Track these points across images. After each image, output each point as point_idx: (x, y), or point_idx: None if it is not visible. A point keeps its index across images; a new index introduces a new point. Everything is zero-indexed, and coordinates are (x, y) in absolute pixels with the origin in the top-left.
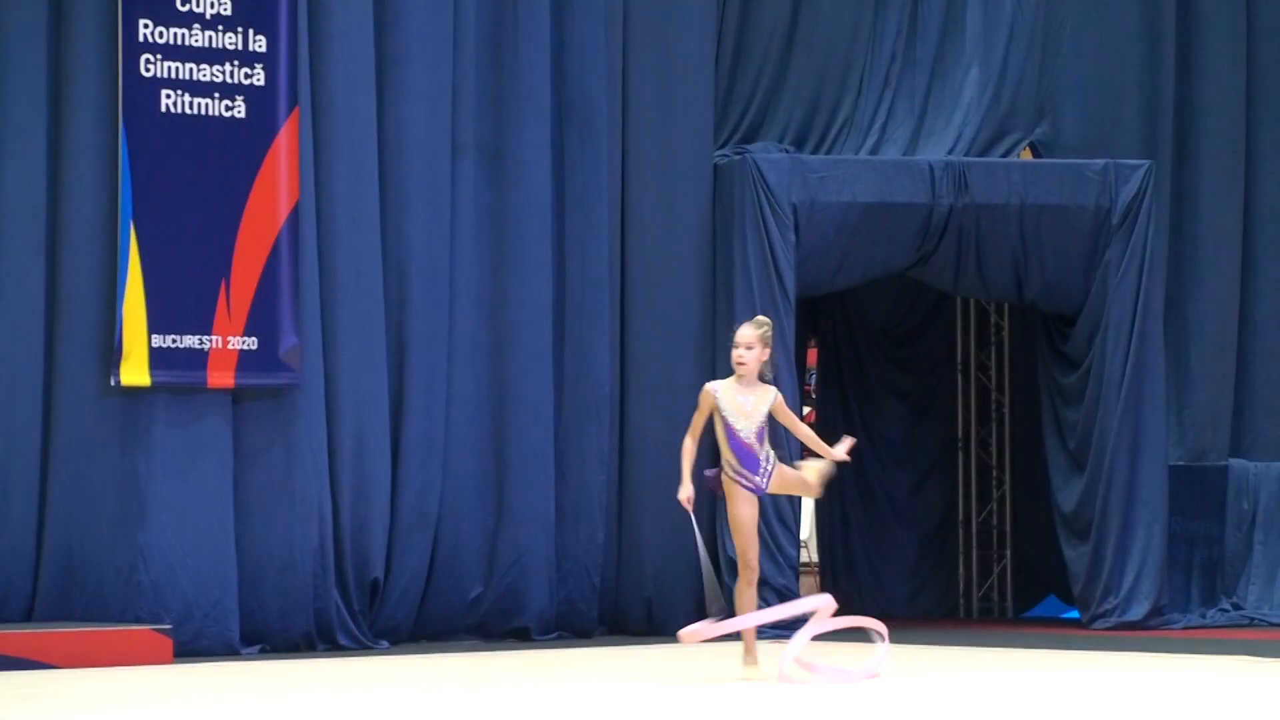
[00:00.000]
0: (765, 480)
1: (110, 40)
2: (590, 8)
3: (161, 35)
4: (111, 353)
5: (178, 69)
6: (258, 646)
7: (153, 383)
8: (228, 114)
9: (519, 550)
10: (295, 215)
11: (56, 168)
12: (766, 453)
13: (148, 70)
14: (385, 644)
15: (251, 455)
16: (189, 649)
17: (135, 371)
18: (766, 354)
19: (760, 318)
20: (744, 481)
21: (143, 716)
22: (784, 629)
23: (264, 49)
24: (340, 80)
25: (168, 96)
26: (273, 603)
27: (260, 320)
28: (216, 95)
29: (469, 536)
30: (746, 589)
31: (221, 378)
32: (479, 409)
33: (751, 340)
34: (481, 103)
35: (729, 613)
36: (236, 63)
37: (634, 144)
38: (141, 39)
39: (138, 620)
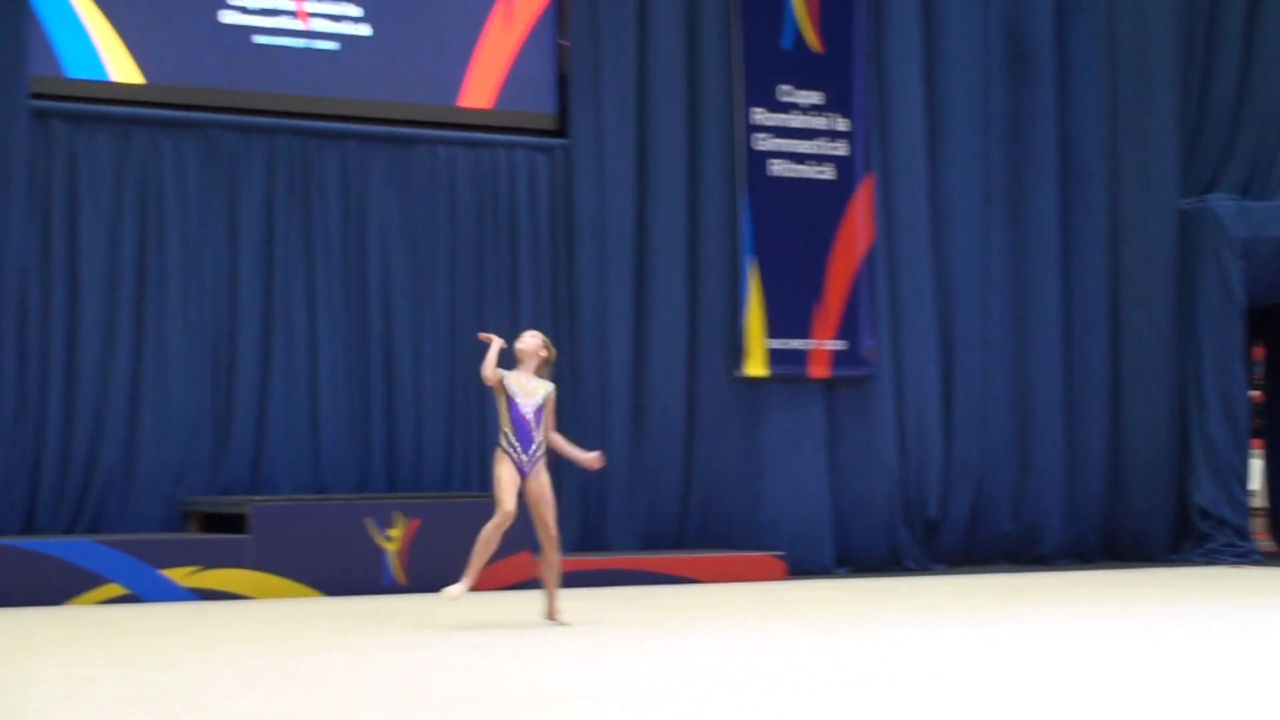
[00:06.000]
0: (530, 463)
1: (730, 124)
2: (1086, 93)
3: (769, 119)
4: (736, 352)
5: (782, 144)
6: (846, 568)
7: (768, 375)
8: (819, 177)
9: (1039, 496)
10: (871, 251)
11: (694, 217)
12: (541, 441)
13: (759, 145)
14: (940, 566)
15: (841, 428)
16: (796, 569)
17: (755, 366)
18: (545, 353)
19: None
20: (513, 453)
21: (765, 619)
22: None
23: (846, 129)
24: (901, 151)
25: (774, 164)
26: (857, 535)
27: (847, 327)
28: (811, 163)
29: (1001, 485)
30: (492, 531)
31: (819, 370)
32: (1007, 389)
33: (537, 334)
34: (1005, 164)
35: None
36: (826, 139)
37: (1120, 194)
38: (754, 123)
39: (758, 548)
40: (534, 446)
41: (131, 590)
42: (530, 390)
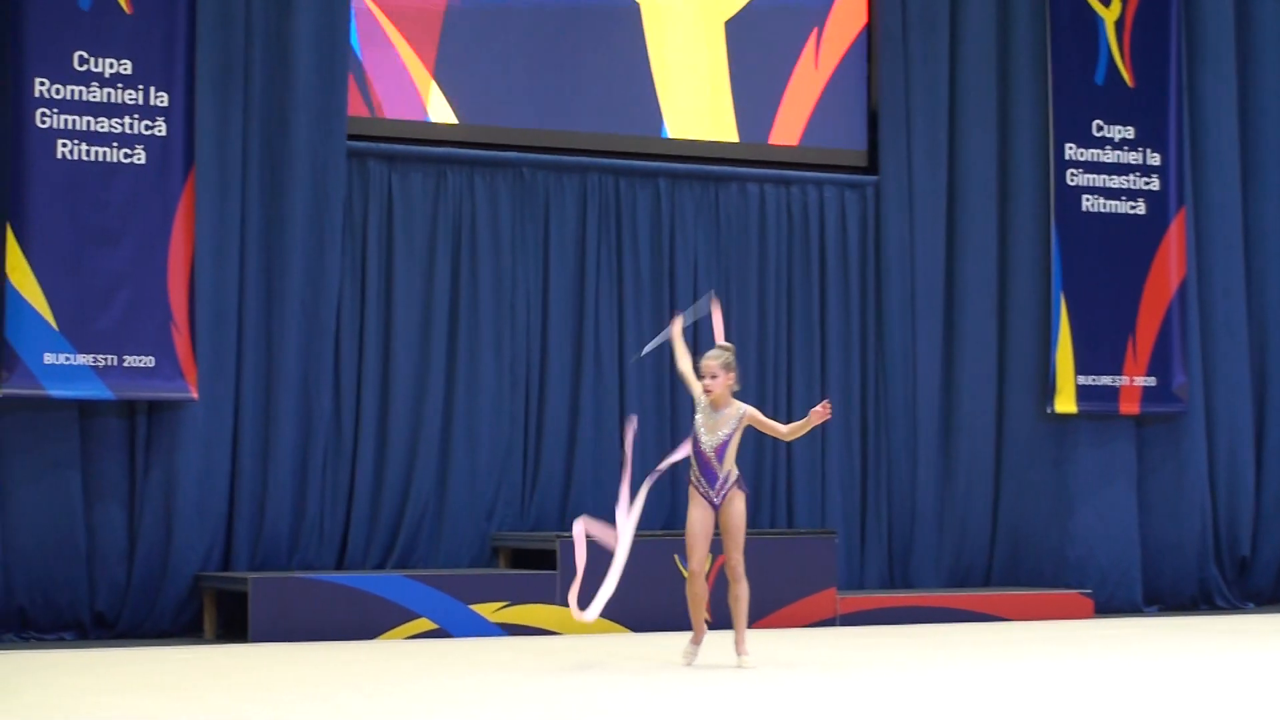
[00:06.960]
0: (719, 497)
1: (1042, 159)
2: None
3: (1082, 155)
4: (1046, 388)
5: (1094, 179)
6: (1155, 606)
7: (1078, 411)
8: (1132, 212)
9: None
10: (1183, 286)
11: (1004, 254)
12: (727, 472)
13: (1072, 181)
14: (1251, 605)
15: (1151, 466)
16: (1104, 607)
17: (1065, 402)
18: (731, 378)
19: (722, 343)
20: (700, 489)
21: (1068, 659)
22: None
23: (1158, 163)
24: (1214, 185)
25: (1087, 199)
26: (1166, 574)
27: (1158, 363)
28: (1123, 198)
29: None
30: (690, 587)
31: (1129, 407)
32: None
33: (714, 370)
34: None
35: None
36: (1138, 174)
37: None
38: (1067, 158)
39: (1066, 585)
40: (719, 481)
41: (441, 625)
42: (715, 426)
